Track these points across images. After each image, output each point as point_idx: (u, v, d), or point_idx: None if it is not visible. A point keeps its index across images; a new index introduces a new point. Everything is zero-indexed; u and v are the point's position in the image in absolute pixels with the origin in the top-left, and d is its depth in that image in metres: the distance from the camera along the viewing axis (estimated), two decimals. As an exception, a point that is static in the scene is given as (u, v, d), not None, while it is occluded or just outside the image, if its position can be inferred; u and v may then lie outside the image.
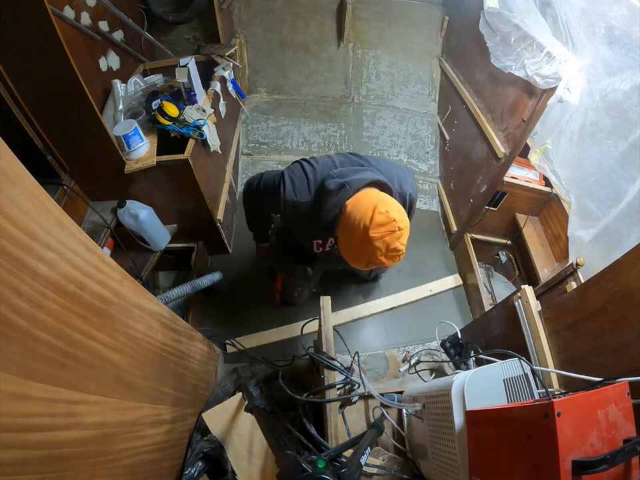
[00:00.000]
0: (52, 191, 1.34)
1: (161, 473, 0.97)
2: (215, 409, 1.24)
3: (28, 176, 0.52)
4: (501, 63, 1.56)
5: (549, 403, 0.59)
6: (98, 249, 0.68)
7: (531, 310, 1.14)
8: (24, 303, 0.49)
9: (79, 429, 0.61)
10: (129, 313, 0.80)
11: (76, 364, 0.60)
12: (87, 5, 1.57)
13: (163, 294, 1.57)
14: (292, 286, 1.78)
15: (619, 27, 1.30)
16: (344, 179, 1.01)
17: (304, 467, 0.63)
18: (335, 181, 1.02)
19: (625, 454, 0.58)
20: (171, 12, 2.06)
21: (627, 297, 0.84)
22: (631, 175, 1.36)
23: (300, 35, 2.41)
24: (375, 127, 2.57)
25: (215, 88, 1.86)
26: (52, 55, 1.08)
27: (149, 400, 0.88)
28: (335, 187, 1.01)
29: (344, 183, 1.00)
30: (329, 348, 1.14)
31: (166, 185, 1.61)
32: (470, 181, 2.00)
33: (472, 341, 1.45)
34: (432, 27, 2.41)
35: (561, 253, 1.80)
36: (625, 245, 1.28)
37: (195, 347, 1.28)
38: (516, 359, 0.90)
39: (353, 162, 1.14)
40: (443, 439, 0.93)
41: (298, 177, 1.12)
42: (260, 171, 1.31)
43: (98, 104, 1.55)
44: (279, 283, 1.84)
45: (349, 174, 1.03)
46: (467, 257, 2.04)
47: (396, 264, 1.04)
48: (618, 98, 1.37)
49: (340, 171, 1.04)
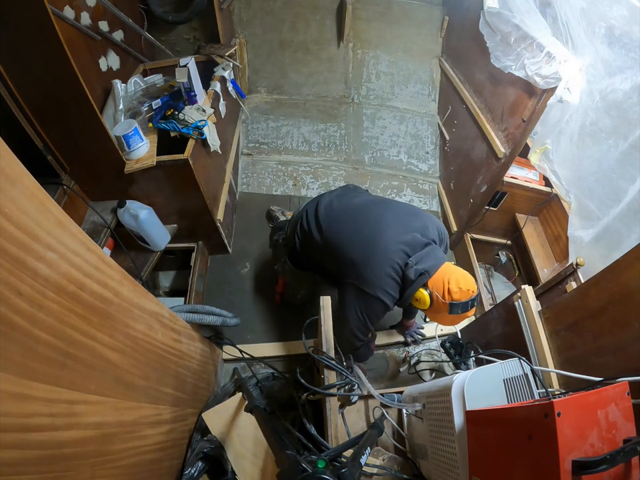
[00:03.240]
0: (52, 190, 1.34)
1: (161, 472, 0.97)
2: (215, 409, 1.24)
3: (28, 176, 0.52)
4: (500, 63, 1.56)
5: (549, 403, 0.59)
6: (98, 249, 0.68)
7: (531, 310, 1.14)
8: (24, 303, 0.49)
9: (79, 429, 0.61)
10: (129, 313, 0.80)
11: (76, 364, 0.60)
12: (87, 4, 1.57)
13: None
14: (295, 289, 1.77)
15: (619, 26, 1.30)
16: (421, 265, 1.19)
17: (304, 467, 0.63)
18: (414, 269, 1.18)
19: (625, 454, 0.58)
20: (170, 12, 2.05)
21: (627, 297, 0.84)
22: (630, 175, 1.36)
23: (300, 35, 2.41)
24: (375, 127, 2.57)
25: (215, 88, 1.86)
26: (52, 55, 1.08)
27: (149, 400, 0.88)
28: (415, 276, 1.19)
29: (423, 271, 1.18)
30: (329, 348, 1.14)
31: (166, 185, 1.61)
32: (470, 180, 2.00)
33: (472, 341, 1.45)
34: (432, 27, 2.41)
35: (561, 253, 1.80)
36: (624, 244, 1.28)
37: (195, 346, 1.28)
38: (516, 359, 0.90)
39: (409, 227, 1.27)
40: (443, 439, 0.93)
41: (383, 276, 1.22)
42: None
43: (98, 104, 1.55)
44: (280, 286, 1.83)
45: (424, 259, 1.20)
46: (467, 257, 2.04)
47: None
48: (618, 98, 1.37)
49: (416, 258, 1.20)
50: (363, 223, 1.29)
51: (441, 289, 1.16)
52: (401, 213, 1.32)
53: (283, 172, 2.46)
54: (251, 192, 2.41)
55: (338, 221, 1.35)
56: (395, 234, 1.23)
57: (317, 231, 1.38)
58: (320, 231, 1.37)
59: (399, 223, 1.27)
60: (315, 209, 1.42)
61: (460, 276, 1.17)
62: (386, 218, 1.28)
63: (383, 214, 1.30)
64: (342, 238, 1.30)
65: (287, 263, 1.60)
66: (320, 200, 1.44)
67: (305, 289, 1.75)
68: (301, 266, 1.58)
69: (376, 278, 1.21)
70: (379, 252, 1.22)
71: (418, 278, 1.18)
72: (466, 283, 1.15)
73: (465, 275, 1.18)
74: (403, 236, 1.23)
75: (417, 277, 1.18)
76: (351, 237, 1.28)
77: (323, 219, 1.37)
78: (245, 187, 2.43)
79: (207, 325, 1.51)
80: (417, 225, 1.28)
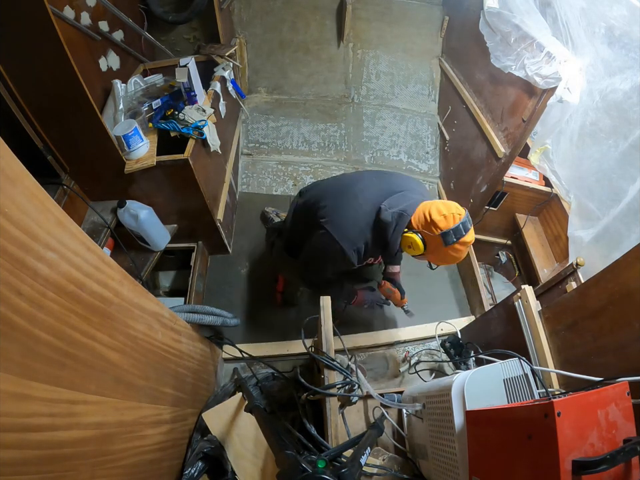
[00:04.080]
0: (52, 190, 1.35)
1: (161, 472, 0.97)
2: (215, 409, 1.24)
3: (28, 176, 0.52)
4: (500, 63, 1.56)
5: (549, 403, 0.59)
6: (98, 249, 0.68)
7: (531, 310, 1.14)
8: (24, 303, 0.49)
9: (79, 428, 0.61)
10: (129, 313, 0.80)
11: (76, 364, 0.60)
12: (87, 4, 1.57)
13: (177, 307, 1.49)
14: (295, 287, 1.77)
15: (619, 26, 1.30)
16: (397, 207, 1.14)
17: (304, 467, 0.63)
18: (391, 212, 1.14)
19: (625, 454, 0.58)
20: (170, 12, 2.05)
21: (627, 296, 0.84)
22: (630, 175, 1.36)
23: (300, 35, 2.41)
24: (375, 127, 2.57)
25: (215, 88, 1.86)
26: (52, 55, 1.09)
27: (149, 400, 0.88)
28: (392, 218, 1.15)
29: (401, 212, 1.14)
30: (329, 348, 1.14)
31: (166, 185, 1.61)
32: (470, 180, 2.00)
33: (472, 341, 1.45)
34: (432, 27, 2.41)
35: (561, 253, 1.80)
36: (624, 244, 1.28)
37: (195, 346, 1.28)
38: (516, 359, 0.90)
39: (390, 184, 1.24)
40: (443, 439, 0.93)
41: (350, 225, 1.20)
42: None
43: (98, 104, 1.55)
44: (280, 285, 1.83)
45: (399, 202, 1.16)
46: (467, 257, 2.04)
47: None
48: (618, 98, 1.37)
49: (389, 202, 1.16)
50: (342, 179, 1.32)
51: (426, 225, 1.12)
52: (387, 173, 1.32)
53: (283, 172, 2.46)
54: (251, 192, 2.41)
55: (320, 184, 1.41)
56: (370, 184, 1.22)
57: (300, 197, 1.44)
58: (302, 196, 1.42)
59: (379, 177, 1.26)
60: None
61: (440, 204, 1.13)
62: (366, 175, 1.29)
63: (366, 173, 1.33)
64: (319, 193, 1.33)
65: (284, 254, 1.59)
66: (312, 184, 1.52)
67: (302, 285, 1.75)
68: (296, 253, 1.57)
69: (346, 227, 1.19)
70: (349, 197, 1.21)
71: (398, 220, 1.15)
72: (447, 208, 1.11)
73: (445, 202, 1.15)
74: (378, 186, 1.21)
75: (396, 218, 1.15)
76: (327, 190, 1.30)
77: (310, 187, 1.44)
78: (244, 187, 2.43)
79: (207, 325, 1.51)
80: (399, 182, 1.26)
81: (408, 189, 1.23)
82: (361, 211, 1.19)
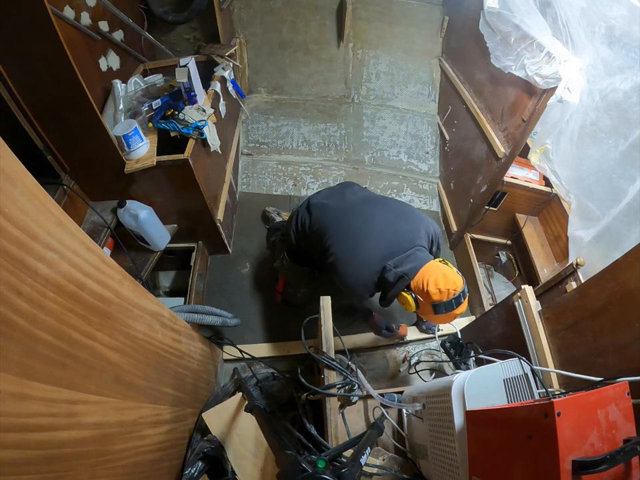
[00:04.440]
0: (52, 191, 1.34)
1: (161, 472, 0.97)
2: (215, 409, 1.24)
3: (28, 176, 0.52)
4: (501, 62, 1.56)
5: (549, 403, 0.59)
6: (98, 249, 0.68)
7: (531, 310, 1.14)
8: (24, 303, 0.49)
9: (79, 428, 0.61)
10: (129, 313, 0.80)
11: (76, 364, 0.60)
12: (87, 4, 1.57)
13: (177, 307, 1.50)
14: (295, 287, 1.77)
15: (619, 26, 1.30)
16: (401, 269, 1.19)
17: (304, 467, 0.63)
18: (393, 272, 1.20)
19: (625, 454, 0.58)
20: (170, 12, 2.05)
21: (627, 296, 0.84)
22: (631, 175, 1.36)
23: (300, 35, 2.41)
24: (375, 127, 2.57)
25: (215, 88, 1.86)
26: (52, 54, 1.08)
27: (149, 400, 0.88)
28: (394, 279, 1.20)
29: (402, 274, 1.19)
30: (329, 348, 1.14)
31: (166, 185, 1.61)
32: (470, 181, 2.00)
33: (472, 341, 1.45)
34: (432, 27, 2.41)
35: (561, 253, 1.80)
36: (625, 244, 1.28)
37: (195, 346, 1.28)
38: (516, 359, 0.90)
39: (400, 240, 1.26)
40: (443, 439, 0.93)
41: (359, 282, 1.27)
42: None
43: (98, 104, 1.55)
44: (280, 285, 1.83)
45: (403, 262, 1.20)
46: (467, 257, 2.04)
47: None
48: (618, 98, 1.37)
49: (395, 262, 1.21)
50: (351, 219, 1.30)
51: (421, 291, 1.16)
52: (392, 214, 1.32)
53: (283, 172, 2.46)
54: (251, 192, 2.41)
55: (327, 209, 1.38)
56: (378, 240, 1.25)
57: (307, 217, 1.43)
58: (310, 216, 1.42)
59: (386, 226, 1.28)
60: (308, 200, 1.47)
61: (440, 275, 1.15)
62: (374, 220, 1.28)
63: (373, 214, 1.31)
64: (327, 226, 1.33)
65: (285, 258, 1.61)
66: (318, 193, 1.50)
67: (305, 287, 1.75)
68: (299, 261, 1.59)
69: (354, 277, 1.25)
70: (359, 256, 1.24)
71: (398, 281, 1.20)
72: (445, 283, 1.13)
73: (447, 274, 1.16)
74: (387, 241, 1.24)
75: (396, 280, 1.20)
76: (337, 231, 1.30)
77: (315, 207, 1.42)
78: (244, 186, 2.43)
79: (207, 325, 1.51)
80: (406, 229, 1.28)
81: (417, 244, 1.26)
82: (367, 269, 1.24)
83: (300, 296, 1.79)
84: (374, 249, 1.24)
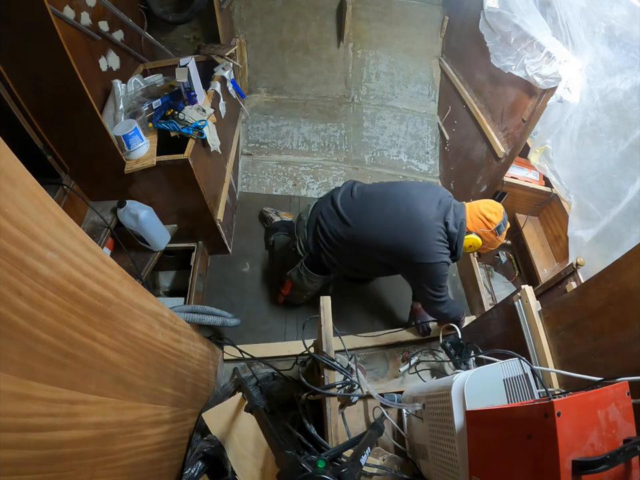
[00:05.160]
0: (52, 191, 1.34)
1: (161, 472, 0.97)
2: (215, 409, 1.24)
3: (28, 176, 0.52)
4: (501, 62, 1.56)
5: (549, 403, 0.59)
6: (98, 249, 0.68)
7: (531, 310, 1.14)
8: (24, 303, 0.49)
9: (79, 428, 0.61)
10: (129, 313, 0.80)
11: (76, 364, 0.60)
12: (87, 4, 1.57)
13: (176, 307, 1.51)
14: (304, 292, 1.77)
15: (619, 26, 1.30)
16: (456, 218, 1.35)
17: (304, 467, 0.63)
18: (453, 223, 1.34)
19: (625, 454, 0.58)
20: (171, 12, 2.05)
21: (627, 296, 0.84)
22: (631, 174, 1.36)
23: (300, 35, 2.41)
24: (375, 127, 2.57)
25: (215, 88, 1.86)
26: (52, 55, 1.08)
27: (149, 400, 0.88)
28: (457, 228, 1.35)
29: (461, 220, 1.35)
30: (329, 348, 1.14)
31: (166, 185, 1.61)
32: (470, 180, 2.00)
33: (472, 341, 1.45)
34: (432, 27, 2.41)
35: (561, 253, 1.80)
36: (625, 244, 1.28)
37: (195, 346, 1.28)
38: (516, 359, 0.90)
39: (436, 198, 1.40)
40: (443, 439, 0.93)
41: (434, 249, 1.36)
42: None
43: (98, 104, 1.54)
44: (287, 288, 1.81)
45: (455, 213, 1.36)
46: (467, 257, 2.04)
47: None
48: (618, 98, 1.37)
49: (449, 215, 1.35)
50: (395, 207, 1.38)
51: (482, 224, 1.34)
52: (420, 188, 1.46)
53: (283, 172, 2.46)
54: (251, 192, 2.41)
55: (364, 213, 1.42)
56: (427, 206, 1.36)
57: (342, 229, 1.44)
58: (347, 227, 1.43)
59: (425, 196, 1.40)
60: (332, 207, 1.48)
61: (482, 205, 1.37)
62: (413, 196, 1.40)
63: (408, 192, 1.42)
64: (378, 228, 1.39)
65: (303, 267, 1.61)
66: (332, 199, 1.50)
67: (312, 290, 1.76)
68: (318, 270, 1.60)
69: (429, 247, 1.34)
70: (423, 226, 1.34)
71: (460, 228, 1.35)
72: (493, 205, 1.36)
73: (487, 201, 1.39)
74: (433, 205, 1.37)
75: (459, 227, 1.35)
76: (390, 223, 1.38)
77: (348, 215, 1.43)
78: (244, 186, 2.43)
79: (207, 325, 1.51)
80: (438, 194, 1.41)
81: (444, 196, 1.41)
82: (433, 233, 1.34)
83: (305, 297, 1.80)
84: (431, 213, 1.35)
